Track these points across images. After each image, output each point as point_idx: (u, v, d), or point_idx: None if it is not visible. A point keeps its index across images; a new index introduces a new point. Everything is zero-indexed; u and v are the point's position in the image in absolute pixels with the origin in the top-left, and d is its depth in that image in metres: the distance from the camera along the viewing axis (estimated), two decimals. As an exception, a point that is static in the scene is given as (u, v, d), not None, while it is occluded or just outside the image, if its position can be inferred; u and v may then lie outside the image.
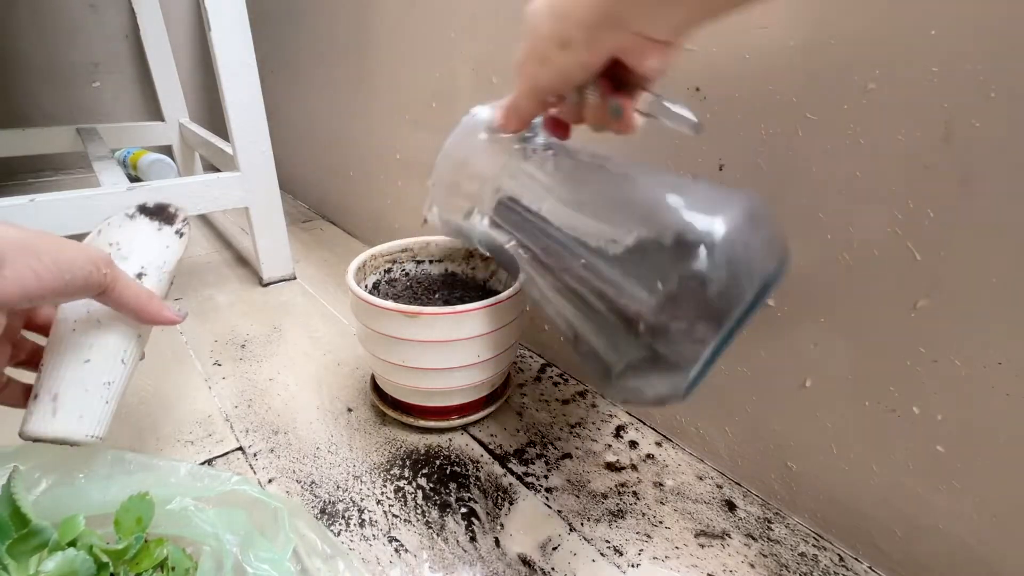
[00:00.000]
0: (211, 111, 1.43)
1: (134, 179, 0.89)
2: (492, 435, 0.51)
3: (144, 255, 0.38)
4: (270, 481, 0.45)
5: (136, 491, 0.32)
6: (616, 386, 0.29)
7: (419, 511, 0.43)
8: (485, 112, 0.37)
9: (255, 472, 0.46)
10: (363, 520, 0.42)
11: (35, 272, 0.25)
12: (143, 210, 0.40)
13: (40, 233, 0.26)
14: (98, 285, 0.29)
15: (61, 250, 0.27)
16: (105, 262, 0.30)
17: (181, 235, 0.40)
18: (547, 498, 0.44)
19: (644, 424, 0.53)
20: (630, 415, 0.54)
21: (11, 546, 0.27)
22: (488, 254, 0.49)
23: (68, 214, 0.62)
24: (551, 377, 0.60)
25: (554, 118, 0.34)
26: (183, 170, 1.25)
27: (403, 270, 0.56)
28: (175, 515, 0.33)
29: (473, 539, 0.40)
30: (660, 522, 0.42)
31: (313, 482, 0.45)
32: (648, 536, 0.41)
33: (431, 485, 0.45)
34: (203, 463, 0.47)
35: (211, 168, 1.19)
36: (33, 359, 0.35)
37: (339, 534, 0.40)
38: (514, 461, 0.48)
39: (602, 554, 0.40)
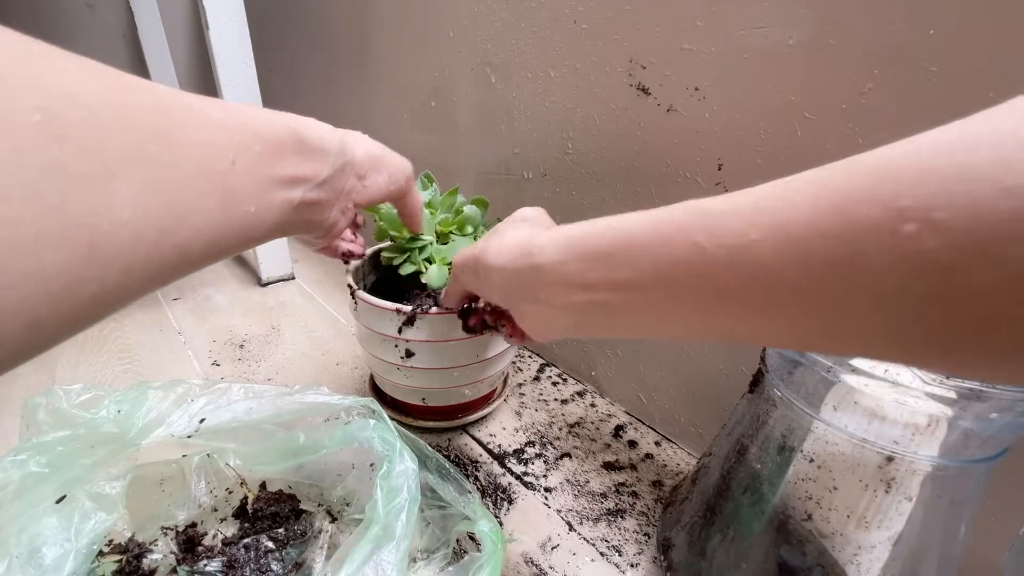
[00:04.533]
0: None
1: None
2: (491, 435, 0.51)
3: None
4: (269, 481, 0.45)
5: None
6: None
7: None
8: None
9: (254, 472, 0.46)
10: (362, 520, 0.42)
11: (381, 184, 0.34)
12: None
13: (383, 150, 0.34)
14: (405, 191, 0.37)
15: (393, 164, 0.34)
16: (409, 175, 0.37)
17: None
18: (546, 498, 0.44)
19: (643, 424, 0.53)
20: (629, 415, 0.54)
21: None
22: None
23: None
24: (550, 377, 0.60)
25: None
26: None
27: (402, 270, 0.56)
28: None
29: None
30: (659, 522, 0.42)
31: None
32: (647, 536, 0.41)
33: (430, 485, 0.45)
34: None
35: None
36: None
37: (338, 534, 0.40)
38: (513, 461, 0.48)
39: (601, 554, 0.40)
